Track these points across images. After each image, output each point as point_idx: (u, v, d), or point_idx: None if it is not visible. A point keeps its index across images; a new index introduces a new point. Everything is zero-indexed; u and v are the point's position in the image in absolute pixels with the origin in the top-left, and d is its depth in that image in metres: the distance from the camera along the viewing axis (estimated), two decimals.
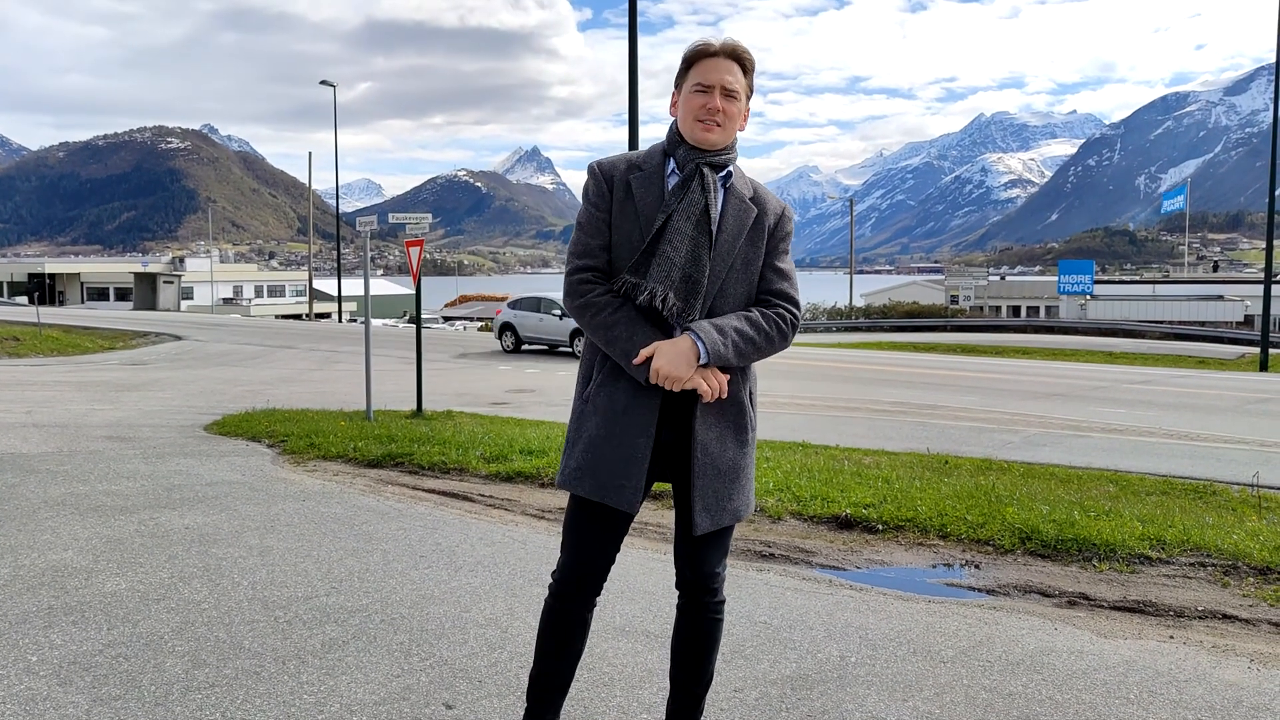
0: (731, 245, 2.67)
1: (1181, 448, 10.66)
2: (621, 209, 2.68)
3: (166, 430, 9.95)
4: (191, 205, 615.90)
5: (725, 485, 2.72)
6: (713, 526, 2.70)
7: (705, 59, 2.67)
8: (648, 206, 2.66)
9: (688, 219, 2.62)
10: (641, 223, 2.65)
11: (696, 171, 2.67)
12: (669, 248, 2.60)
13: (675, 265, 2.60)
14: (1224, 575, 5.05)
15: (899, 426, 12.09)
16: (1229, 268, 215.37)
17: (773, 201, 2.78)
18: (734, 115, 2.68)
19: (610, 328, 2.62)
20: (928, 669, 3.80)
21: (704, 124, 2.65)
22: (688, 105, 2.68)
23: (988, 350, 33.32)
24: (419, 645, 3.92)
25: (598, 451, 2.66)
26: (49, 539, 5.44)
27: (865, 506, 6.28)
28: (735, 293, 2.69)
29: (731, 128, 2.69)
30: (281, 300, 76.10)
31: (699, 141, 2.67)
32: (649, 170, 2.71)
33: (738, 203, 2.71)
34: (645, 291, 2.60)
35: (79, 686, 3.46)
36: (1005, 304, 62.86)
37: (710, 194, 2.65)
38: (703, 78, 2.66)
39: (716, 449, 2.70)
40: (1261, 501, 6.95)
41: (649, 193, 2.68)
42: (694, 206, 2.63)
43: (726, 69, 2.66)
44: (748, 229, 2.70)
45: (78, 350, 25.06)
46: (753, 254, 2.71)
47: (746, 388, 2.78)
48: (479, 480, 7.46)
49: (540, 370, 20.57)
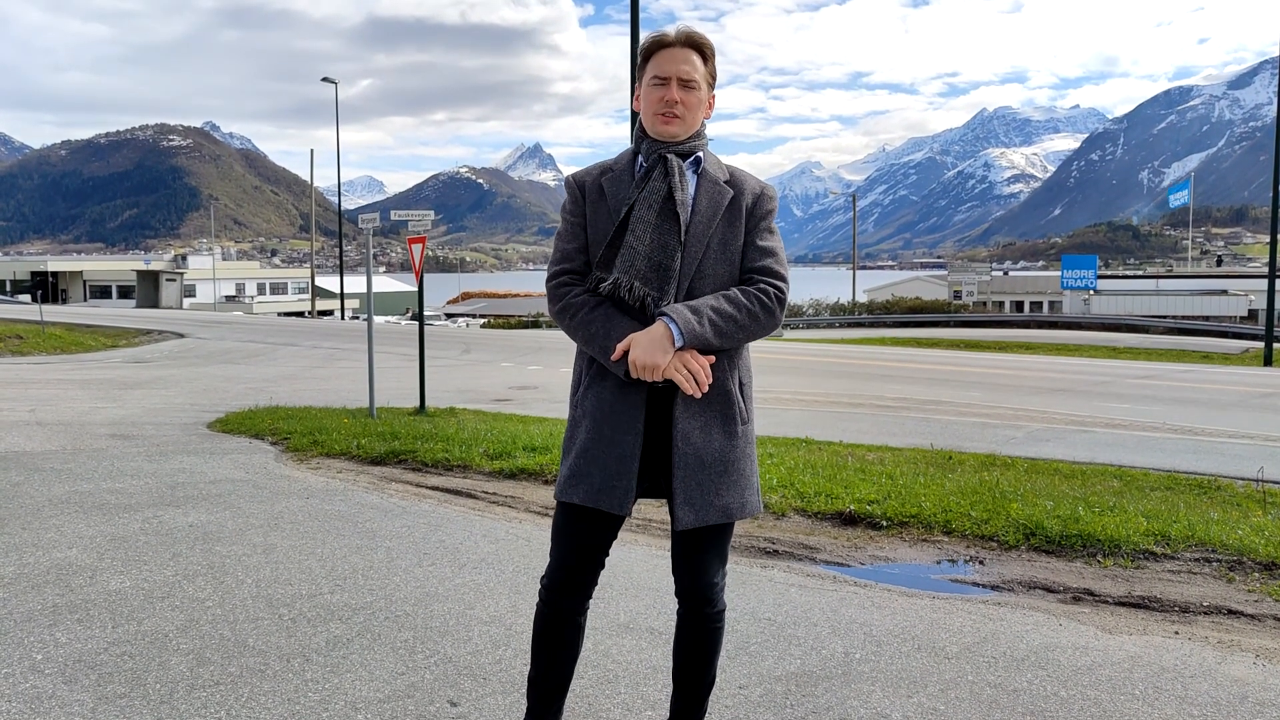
0: (706, 226, 2.64)
1: (1186, 443, 10.64)
2: (595, 210, 2.69)
3: (170, 428, 9.95)
4: (194, 203, 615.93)
5: (711, 478, 2.61)
6: (697, 522, 2.60)
7: (662, 50, 2.66)
8: (619, 202, 2.66)
9: (649, 207, 2.61)
10: (614, 219, 2.65)
11: (660, 160, 2.66)
12: (631, 237, 2.59)
13: (639, 254, 2.58)
14: (1229, 571, 5.04)
15: (902, 422, 12.07)
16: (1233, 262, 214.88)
17: (751, 182, 2.75)
18: (694, 105, 2.66)
19: (588, 325, 2.60)
20: (932, 665, 3.79)
21: (663, 116, 2.64)
22: (647, 99, 2.67)
23: (991, 345, 33.26)
24: (423, 643, 3.92)
25: (589, 455, 2.62)
26: (53, 537, 5.45)
27: (869, 502, 6.28)
28: (716, 274, 2.64)
29: (692, 117, 2.67)
30: (284, 298, 76.14)
31: (660, 134, 2.66)
32: (619, 170, 2.72)
33: (711, 185, 2.69)
34: (610, 282, 2.58)
35: (84, 685, 3.46)
36: (1008, 299, 62.74)
37: (674, 178, 2.63)
38: (659, 70, 2.65)
39: (700, 439, 2.60)
40: (1266, 496, 6.94)
41: (620, 190, 2.68)
42: (656, 194, 2.62)
43: (683, 59, 2.64)
44: (723, 209, 2.67)
45: (81, 348, 25.08)
46: (730, 234, 2.67)
47: (735, 377, 2.68)
48: (482, 477, 7.46)
49: (543, 367, 20.57)
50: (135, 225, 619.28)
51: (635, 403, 2.60)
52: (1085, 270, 54.06)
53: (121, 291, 70.91)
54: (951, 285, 63.31)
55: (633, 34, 16.72)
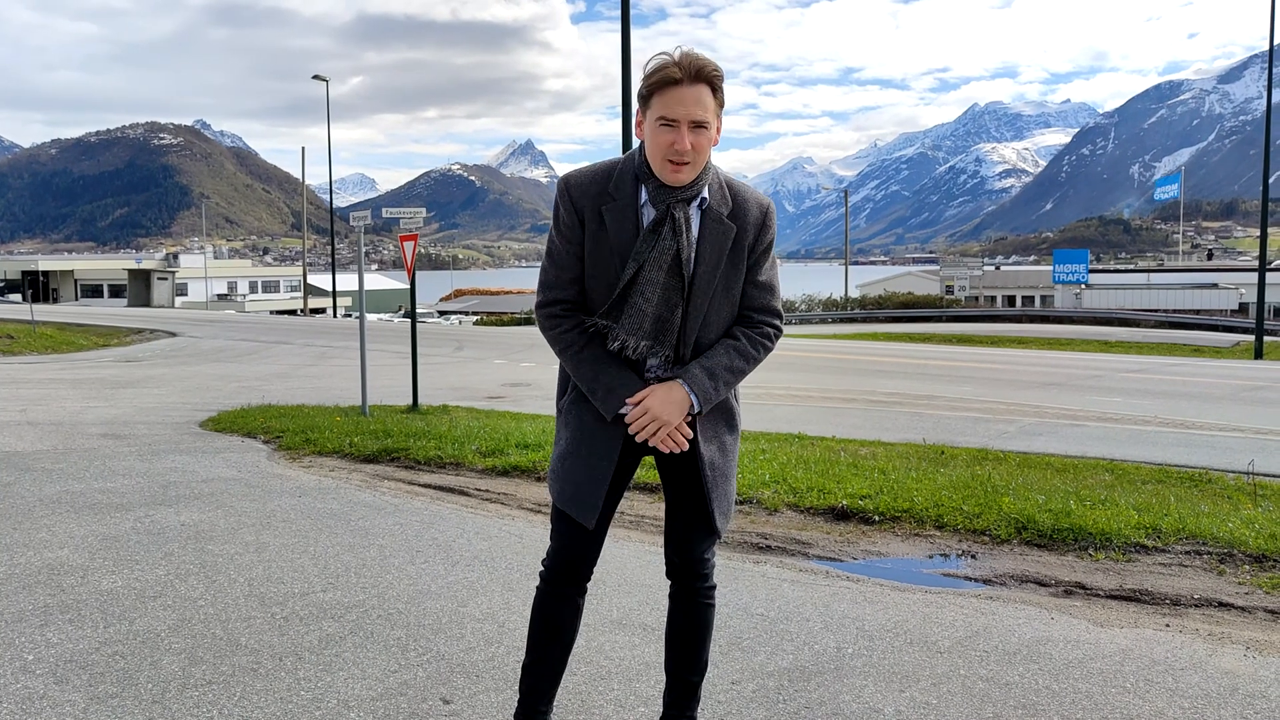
0: (710, 275, 2.64)
1: (1177, 436, 10.68)
2: (595, 241, 2.63)
3: (162, 427, 9.93)
4: (185, 201, 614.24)
5: (728, 485, 2.81)
6: (726, 525, 2.81)
7: (670, 89, 2.49)
8: (621, 244, 2.61)
9: (659, 268, 2.59)
10: (615, 260, 2.61)
11: (668, 214, 2.59)
12: (640, 299, 2.59)
13: (646, 316, 2.60)
14: (1220, 563, 5.06)
15: (895, 417, 12.10)
16: (1223, 256, 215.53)
17: (753, 209, 2.68)
18: (704, 147, 2.53)
19: (579, 365, 2.67)
20: (924, 659, 3.80)
21: (673, 165, 2.52)
22: (655, 141, 2.53)
23: (983, 340, 33.33)
24: (416, 640, 3.92)
25: (565, 465, 2.73)
26: (45, 537, 5.43)
27: (861, 497, 6.29)
28: (719, 318, 2.70)
29: (702, 159, 2.56)
30: (276, 296, 75.96)
31: (670, 182, 2.56)
32: (622, 201, 2.61)
33: (715, 225, 2.63)
34: (617, 341, 2.63)
35: (75, 685, 3.45)
36: (1000, 294, 62.88)
37: (682, 238, 2.59)
38: (668, 111, 2.49)
39: (720, 461, 2.77)
40: (1257, 489, 6.97)
41: (623, 228, 2.61)
42: (665, 254, 2.59)
43: (694, 100, 2.49)
44: (727, 253, 2.65)
45: (72, 348, 25.00)
46: (733, 275, 2.69)
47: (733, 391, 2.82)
48: (475, 474, 7.45)
49: (536, 364, 20.56)
50: (126, 224, 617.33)
51: (615, 434, 2.68)
52: (1077, 265, 54.19)
53: (113, 290, 70.68)
54: (944, 280, 63.37)
55: (624, 31, 16.68)
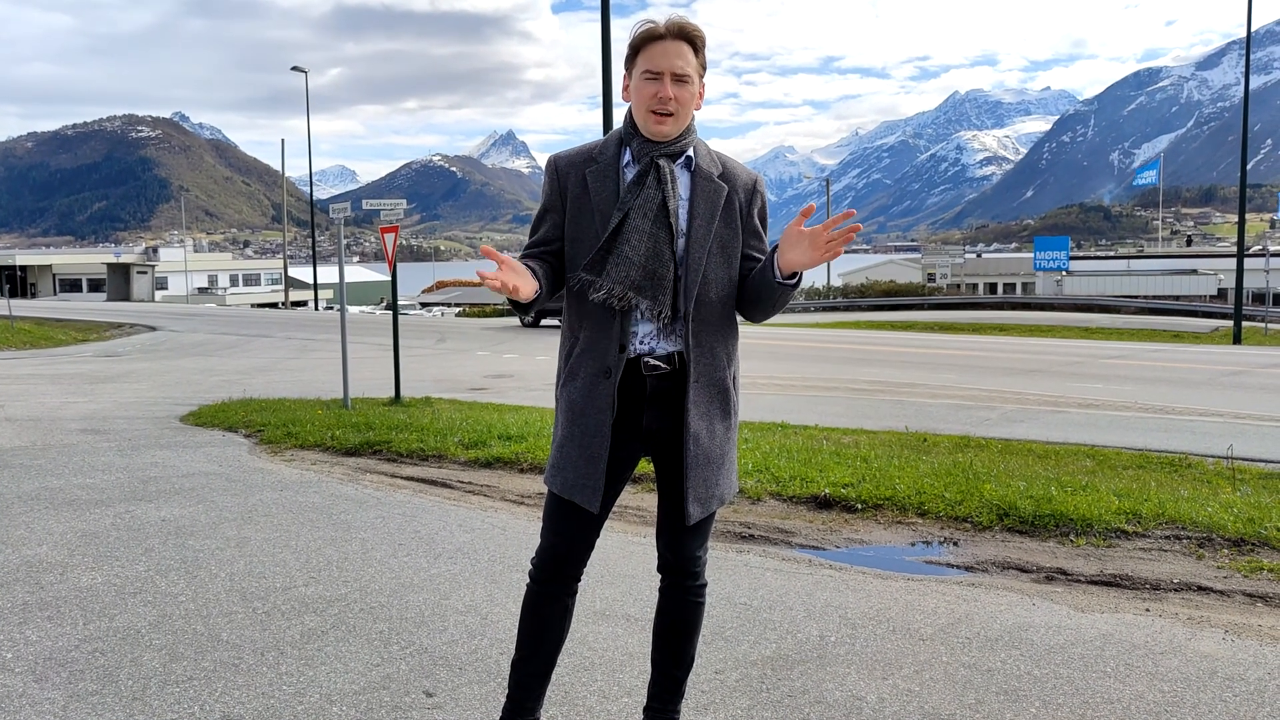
0: (705, 230, 2.64)
1: (1157, 421, 10.75)
2: (578, 205, 2.66)
3: (142, 422, 9.86)
4: (164, 194, 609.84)
5: (713, 473, 2.72)
6: (703, 515, 2.72)
7: (653, 43, 2.58)
8: (603, 202, 2.63)
9: (645, 216, 2.59)
10: (598, 219, 2.63)
11: (652, 165, 2.62)
12: (626, 246, 2.58)
13: (634, 264, 2.58)
14: (1199, 548, 5.10)
15: (877, 405, 12.13)
16: (1202, 242, 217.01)
17: (742, 175, 2.73)
18: (687, 101, 2.60)
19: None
20: (907, 647, 3.82)
21: (657, 116, 2.58)
22: (639, 94, 2.60)
23: (965, 328, 33.46)
24: (398, 634, 3.91)
25: (564, 451, 2.70)
26: (23, 534, 5.39)
27: (844, 486, 6.30)
28: (717, 277, 2.67)
29: (685, 113, 2.62)
30: (257, 289, 75.56)
31: (653, 134, 2.61)
32: (604, 163, 2.67)
33: (706, 183, 2.67)
34: (602, 290, 2.59)
35: (55, 682, 3.43)
36: (982, 281, 63.13)
37: (667, 186, 2.61)
38: (652, 64, 2.57)
39: (707, 439, 2.70)
40: (1235, 474, 7.02)
41: (604, 187, 2.64)
42: (650, 203, 2.60)
43: (676, 52, 2.57)
44: (720, 209, 2.67)
45: (51, 343, 24.80)
46: (729, 235, 2.68)
47: (731, 372, 2.76)
48: (457, 467, 7.43)
49: (519, 355, 20.53)
50: (105, 218, 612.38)
51: (602, 406, 2.64)
52: (1057, 251, 54.44)
53: (92, 285, 70.12)
54: (925, 268, 63.63)
55: (603, 20, 16.63)
